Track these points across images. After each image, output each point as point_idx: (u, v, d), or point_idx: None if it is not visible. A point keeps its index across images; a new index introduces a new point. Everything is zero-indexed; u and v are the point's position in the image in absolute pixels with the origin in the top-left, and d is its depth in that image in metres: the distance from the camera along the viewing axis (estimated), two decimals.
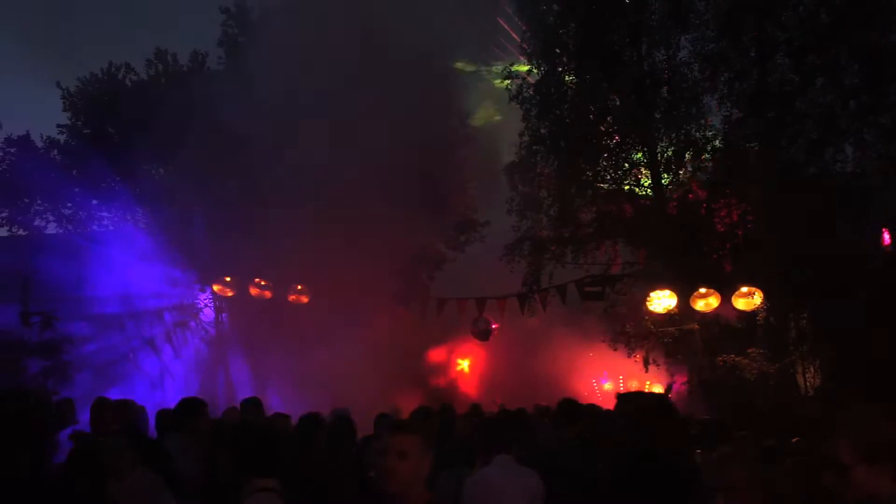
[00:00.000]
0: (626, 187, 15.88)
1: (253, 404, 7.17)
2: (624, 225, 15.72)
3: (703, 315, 14.25)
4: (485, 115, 24.33)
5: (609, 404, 7.90)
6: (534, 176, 16.77)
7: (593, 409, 7.57)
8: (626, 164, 15.73)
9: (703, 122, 15.38)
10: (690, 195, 15.38)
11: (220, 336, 17.66)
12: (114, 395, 8.33)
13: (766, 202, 14.11)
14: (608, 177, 15.89)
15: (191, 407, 5.77)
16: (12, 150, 18.04)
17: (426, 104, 16.15)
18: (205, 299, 17.46)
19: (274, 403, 12.73)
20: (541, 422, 7.81)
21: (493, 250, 17.63)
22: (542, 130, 16.19)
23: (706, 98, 15.21)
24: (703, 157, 15.29)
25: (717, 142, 15.27)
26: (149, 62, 19.31)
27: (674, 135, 15.36)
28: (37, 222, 18.24)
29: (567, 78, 16.18)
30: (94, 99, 18.74)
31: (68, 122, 18.87)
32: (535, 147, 16.36)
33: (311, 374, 15.01)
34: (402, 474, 2.95)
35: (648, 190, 15.83)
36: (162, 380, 15.89)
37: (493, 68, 16.37)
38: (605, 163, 15.82)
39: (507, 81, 16.55)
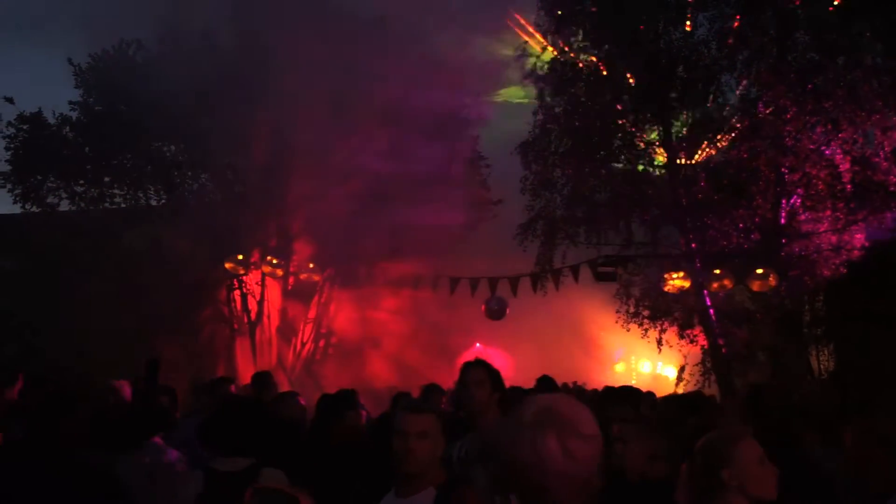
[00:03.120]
0: (641, 167, 15.69)
1: (262, 379, 6.93)
2: (638, 205, 15.55)
3: (717, 296, 14.14)
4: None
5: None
6: (548, 155, 16.57)
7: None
8: (641, 144, 15.53)
9: (720, 100, 15.14)
10: (705, 175, 15.17)
11: (233, 315, 17.67)
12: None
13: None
14: (622, 156, 15.70)
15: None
16: (24, 128, 18.03)
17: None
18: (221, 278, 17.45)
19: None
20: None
21: (506, 229, 17.45)
22: (557, 109, 16.00)
23: (724, 76, 14.96)
24: (720, 136, 15.07)
25: (734, 121, 15.03)
26: (160, 39, 19.13)
27: (690, 114, 15.13)
28: (49, 199, 18.25)
29: (582, 56, 15.93)
30: (106, 75, 18.62)
31: (80, 98, 18.80)
32: (548, 126, 16.17)
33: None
34: (422, 455, 2.93)
35: (663, 170, 15.63)
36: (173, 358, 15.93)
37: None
38: (619, 142, 15.62)
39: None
